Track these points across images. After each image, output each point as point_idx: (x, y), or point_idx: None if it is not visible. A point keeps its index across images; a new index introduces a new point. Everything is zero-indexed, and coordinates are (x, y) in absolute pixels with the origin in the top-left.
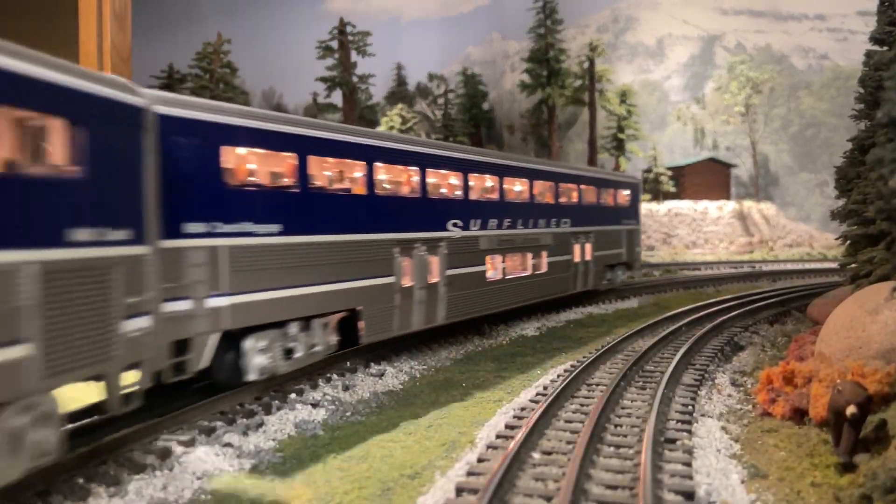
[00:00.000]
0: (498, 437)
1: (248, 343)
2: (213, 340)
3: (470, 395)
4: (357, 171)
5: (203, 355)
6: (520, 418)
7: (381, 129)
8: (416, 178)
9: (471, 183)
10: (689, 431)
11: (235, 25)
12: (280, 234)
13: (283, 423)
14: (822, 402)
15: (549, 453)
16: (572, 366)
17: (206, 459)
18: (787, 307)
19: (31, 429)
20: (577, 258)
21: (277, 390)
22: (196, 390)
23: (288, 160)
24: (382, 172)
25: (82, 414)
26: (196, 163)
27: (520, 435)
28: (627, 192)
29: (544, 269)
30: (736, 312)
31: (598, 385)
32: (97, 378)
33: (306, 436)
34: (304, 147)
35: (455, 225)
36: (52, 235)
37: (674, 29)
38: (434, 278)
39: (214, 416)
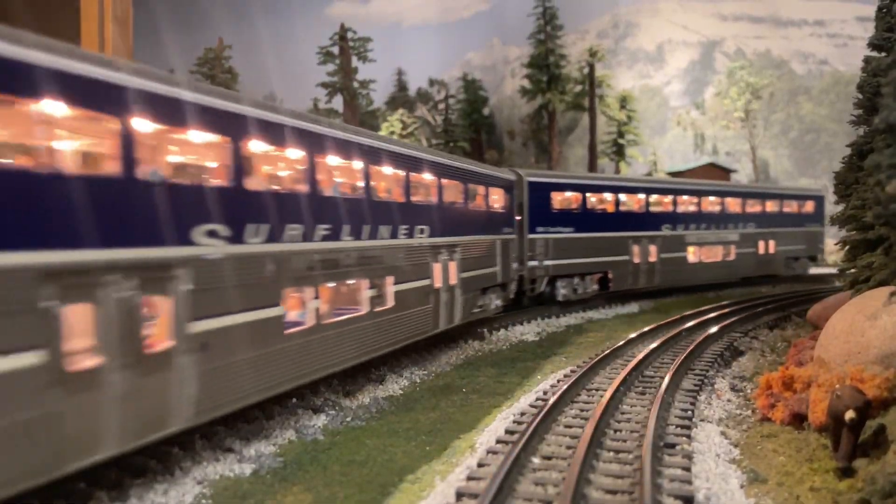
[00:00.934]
0: (498, 442)
1: (559, 283)
2: (545, 279)
3: (470, 400)
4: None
5: (542, 286)
6: (520, 423)
7: (382, 134)
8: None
9: None
10: (689, 436)
11: (236, 31)
12: (572, 232)
13: (283, 427)
14: (822, 407)
15: (549, 458)
16: (572, 371)
17: (209, 463)
18: (786, 312)
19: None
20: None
21: (278, 394)
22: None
23: (577, 196)
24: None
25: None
26: (539, 201)
27: (520, 440)
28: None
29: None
30: (736, 318)
31: (597, 390)
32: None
33: (307, 440)
34: (583, 189)
35: None
36: (502, 230)
37: (674, 35)
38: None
39: (214, 422)
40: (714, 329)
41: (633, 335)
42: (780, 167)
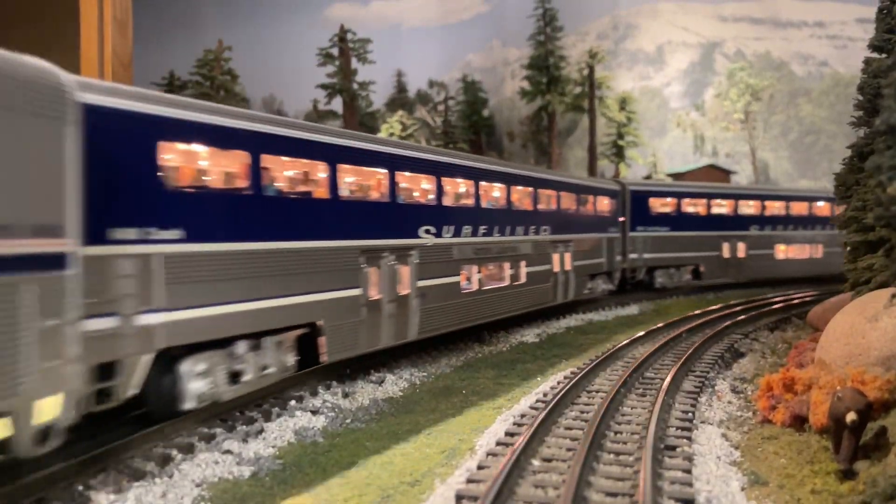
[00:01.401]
0: (498, 444)
1: (656, 273)
2: (644, 269)
3: (470, 402)
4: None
5: (641, 274)
6: (520, 425)
7: (382, 135)
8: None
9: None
10: (690, 438)
11: (236, 32)
12: (667, 231)
13: (282, 430)
14: (823, 409)
15: (549, 460)
16: (572, 372)
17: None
18: (787, 314)
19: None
20: None
21: (277, 397)
22: None
23: (673, 201)
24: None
25: None
26: (639, 205)
27: (520, 442)
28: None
29: None
30: (736, 319)
31: (598, 392)
32: (610, 274)
33: (306, 443)
34: (677, 195)
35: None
36: (608, 229)
37: (673, 36)
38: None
39: (213, 424)
40: (714, 330)
41: (633, 337)
42: (780, 169)
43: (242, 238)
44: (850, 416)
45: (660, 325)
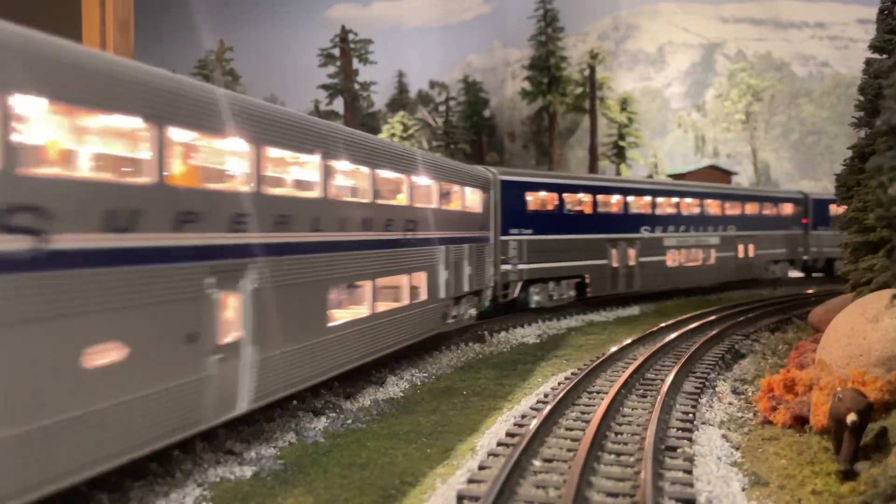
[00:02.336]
0: (499, 444)
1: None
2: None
3: (471, 402)
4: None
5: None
6: (520, 426)
7: (383, 136)
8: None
9: None
10: (690, 439)
11: (237, 33)
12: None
13: (284, 430)
14: (823, 410)
15: (550, 461)
16: (573, 373)
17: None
18: (788, 315)
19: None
20: None
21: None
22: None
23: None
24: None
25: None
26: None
27: (521, 442)
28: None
29: None
30: (737, 320)
31: (598, 393)
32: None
33: (307, 443)
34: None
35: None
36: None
37: (674, 37)
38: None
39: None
40: (715, 332)
41: (634, 337)
42: (781, 169)
43: (555, 233)
44: (851, 417)
45: (661, 325)
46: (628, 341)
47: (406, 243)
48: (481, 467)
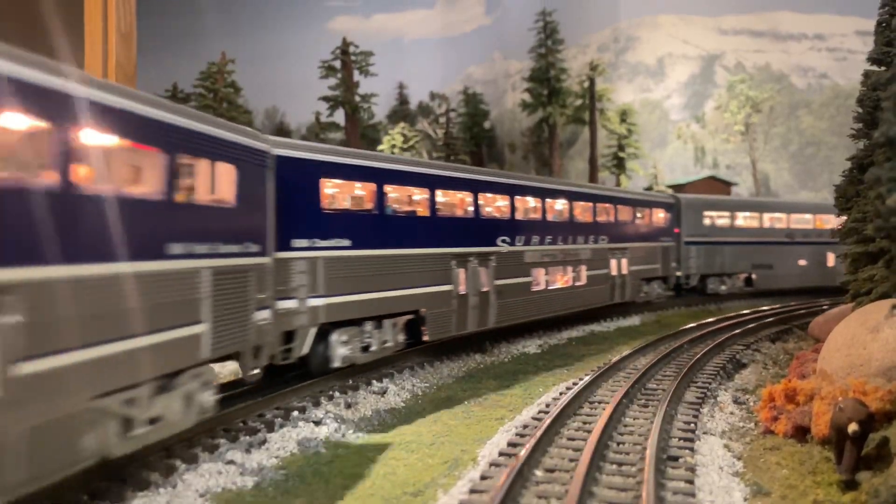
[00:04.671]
0: (500, 454)
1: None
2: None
3: (472, 412)
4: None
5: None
6: (522, 436)
7: (384, 147)
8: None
9: None
10: (692, 449)
11: (239, 45)
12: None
13: (285, 440)
14: (824, 420)
15: (552, 471)
16: (574, 383)
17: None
18: (788, 325)
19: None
20: None
21: (279, 407)
22: None
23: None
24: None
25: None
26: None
27: (522, 452)
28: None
29: None
30: (738, 331)
31: (600, 402)
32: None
33: (309, 453)
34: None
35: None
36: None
37: (674, 48)
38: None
39: (217, 434)
40: (716, 342)
41: (635, 347)
42: (780, 180)
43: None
44: (852, 427)
45: (662, 336)
46: (629, 351)
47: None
48: (483, 477)
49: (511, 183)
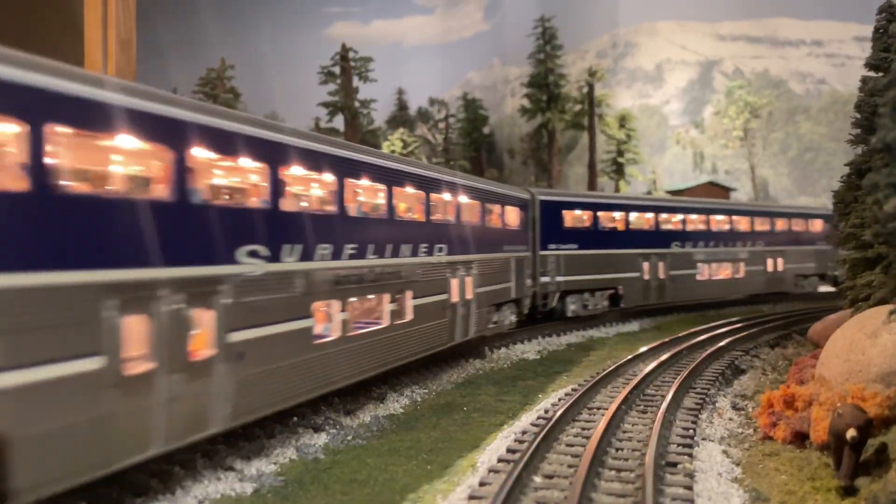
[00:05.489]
0: (499, 460)
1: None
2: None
3: (471, 418)
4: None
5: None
6: (521, 442)
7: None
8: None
9: None
10: (691, 455)
11: (238, 51)
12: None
13: (284, 446)
14: (823, 426)
15: (551, 477)
16: (573, 389)
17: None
18: (787, 330)
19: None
20: None
21: (279, 414)
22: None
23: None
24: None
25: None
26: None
27: (522, 458)
28: None
29: None
30: (737, 336)
31: (599, 409)
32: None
33: (308, 459)
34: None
35: None
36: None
37: (672, 54)
38: None
39: (216, 440)
40: (715, 347)
41: (634, 353)
42: (779, 186)
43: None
44: (851, 433)
45: (661, 341)
46: (628, 357)
47: None
48: (482, 483)
49: (677, 206)
